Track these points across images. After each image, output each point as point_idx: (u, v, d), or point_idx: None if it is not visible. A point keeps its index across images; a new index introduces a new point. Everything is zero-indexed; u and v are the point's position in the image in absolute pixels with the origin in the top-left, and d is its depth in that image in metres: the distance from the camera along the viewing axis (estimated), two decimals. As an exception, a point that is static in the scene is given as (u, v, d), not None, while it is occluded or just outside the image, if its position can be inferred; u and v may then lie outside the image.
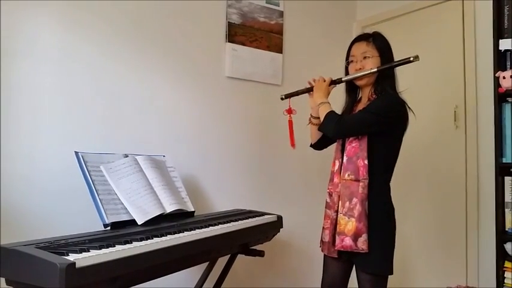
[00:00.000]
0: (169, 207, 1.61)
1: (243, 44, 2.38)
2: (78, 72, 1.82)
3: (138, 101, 2.00)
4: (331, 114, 1.60)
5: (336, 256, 1.62)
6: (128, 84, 1.97)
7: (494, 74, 1.91)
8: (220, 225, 1.60)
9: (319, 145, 1.83)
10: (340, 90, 1.79)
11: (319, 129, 1.70)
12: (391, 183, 1.64)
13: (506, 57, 1.94)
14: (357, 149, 1.57)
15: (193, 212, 1.77)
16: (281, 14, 2.57)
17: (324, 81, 1.71)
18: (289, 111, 1.82)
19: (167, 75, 2.10)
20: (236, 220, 1.73)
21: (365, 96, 1.69)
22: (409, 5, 2.64)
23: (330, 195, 1.67)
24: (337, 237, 1.56)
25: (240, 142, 2.38)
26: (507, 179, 1.89)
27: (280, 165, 2.53)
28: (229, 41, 2.32)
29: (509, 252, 1.86)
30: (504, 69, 1.92)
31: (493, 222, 1.92)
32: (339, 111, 1.71)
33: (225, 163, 2.32)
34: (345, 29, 2.86)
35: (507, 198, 1.88)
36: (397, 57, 1.65)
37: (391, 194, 1.63)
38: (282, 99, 1.85)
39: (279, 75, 2.54)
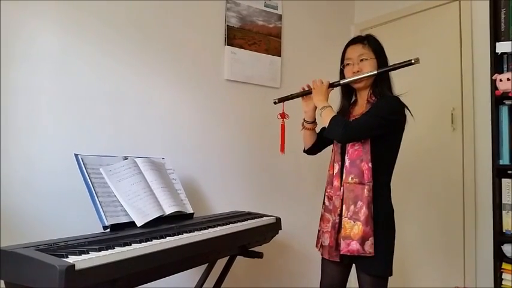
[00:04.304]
0: (169, 209, 1.62)
1: (242, 47, 2.39)
2: (77, 73, 1.82)
3: (138, 103, 2.00)
4: (336, 118, 1.58)
5: (338, 260, 1.60)
6: (127, 86, 1.97)
7: (491, 76, 1.92)
8: (219, 227, 1.60)
9: (313, 150, 1.83)
10: (332, 94, 1.77)
11: (325, 134, 1.68)
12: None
13: (503, 60, 1.95)
14: (360, 152, 1.56)
15: (193, 214, 1.77)
16: (279, 17, 2.58)
17: (322, 83, 1.69)
18: (283, 115, 1.80)
19: (166, 78, 2.11)
20: (235, 222, 1.73)
21: (362, 98, 1.68)
22: (406, 8, 2.66)
23: (330, 198, 1.66)
24: (342, 241, 1.54)
25: (239, 144, 2.39)
26: (504, 180, 1.90)
27: (279, 168, 2.53)
28: (228, 44, 2.33)
29: (507, 254, 1.87)
30: (501, 71, 1.93)
31: (491, 224, 1.93)
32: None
33: (224, 165, 2.33)
34: (343, 32, 2.87)
35: (504, 200, 1.89)
36: (392, 61, 1.66)
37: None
38: (275, 103, 1.82)
39: (278, 78, 2.55)
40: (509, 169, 1.91)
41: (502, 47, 1.90)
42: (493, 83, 1.91)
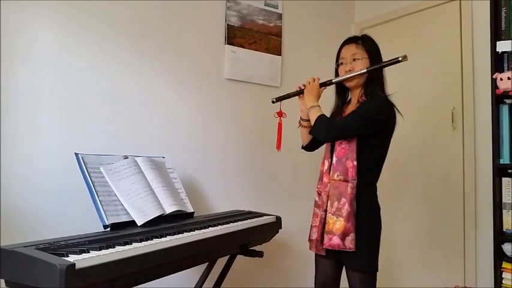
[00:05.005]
0: (169, 208, 1.62)
1: (242, 46, 2.39)
2: (77, 73, 1.82)
3: (138, 102, 2.01)
4: (321, 118, 1.62)
5: (324, 254, 1.65)
6: (128, 85, 1.97)
7: (492, 75, 1.92)
8: (219, 226, 1.61)
9: (310, 147, 1.87)
10: (329, 93, 1.81)
11: (310, 133, 1.74)
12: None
13: (503, 58, 1.95)
14: (346, 150, 1.60)
15: (193, 213, 1.77)
16: (280, 16, 2.58)
17: (314, 81, 1.73)
18: (280, 114, 1.85)
19: (167, 77, 2.11)
20: (235, 221, 1.73)
21: (354, 97, 1.71)
22: (406, 7, 2.65)
23: (319, 194, 1.71)
24: (325, 235, 1.60)
25: (239, 143, 2.39)
26: (504, 180, 1.90)
27: (280, 167, 2.54)
28: (228, 43, 2.33)
29: (507, 253, 1.87)
30: (501, 70, 1.93)
31: (491, 223, 1.93)
32: (329, 113, 1.75)
33: (224, 164, 2.33)
34: (343, 31, 2.86)
35: (504, 199, 1.89)
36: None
37: (381, 194, 1.66)
38: (273, 102, 1.87)
39: (278, 77, 2.55)
40: (509, 168, 1.91)
41: (503, 46, 1.90)
42: (494, 82, 1.91)
